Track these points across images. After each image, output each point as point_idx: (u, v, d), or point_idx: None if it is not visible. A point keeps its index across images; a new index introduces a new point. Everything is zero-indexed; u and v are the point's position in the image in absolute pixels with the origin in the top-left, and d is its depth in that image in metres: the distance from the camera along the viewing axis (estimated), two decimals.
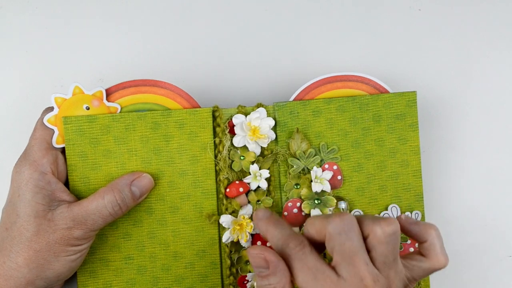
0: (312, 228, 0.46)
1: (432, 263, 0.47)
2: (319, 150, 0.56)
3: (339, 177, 0.56)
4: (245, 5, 0.62)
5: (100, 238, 0.55)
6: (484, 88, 0.63)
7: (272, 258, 0.45)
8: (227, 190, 0.56)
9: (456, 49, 0.63)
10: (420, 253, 0.48)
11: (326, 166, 0.56)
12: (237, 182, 0.56)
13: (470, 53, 0.63)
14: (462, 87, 0.63)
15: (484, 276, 0.62)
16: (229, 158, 0.56)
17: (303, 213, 0.56)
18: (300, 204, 0.56)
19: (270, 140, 0.56)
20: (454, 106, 0.63)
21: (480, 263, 0.62)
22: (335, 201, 0.56)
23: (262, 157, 0.56)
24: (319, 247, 0.46)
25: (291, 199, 0.56)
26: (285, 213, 0.56)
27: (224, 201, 0.56)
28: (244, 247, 0.56)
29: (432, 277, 0.61)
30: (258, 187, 0.56)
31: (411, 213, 0.57)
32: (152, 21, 0.62)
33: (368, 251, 0.45)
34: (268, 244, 0.55)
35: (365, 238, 0.45)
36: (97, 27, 0.61)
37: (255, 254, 0.45)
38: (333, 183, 0.56)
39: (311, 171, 0.56)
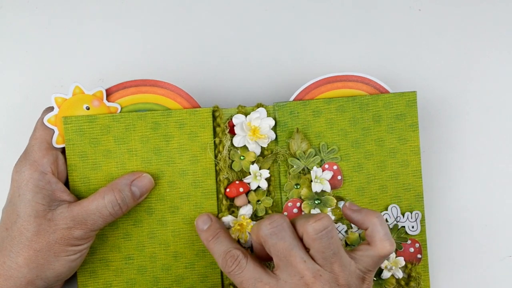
0: (253, 235, 0.49)
1: (376, 250, 0.47)
2: (319, 150, 0.56)
3: (339, 177, 0.56)
4: (245, 5, 0.62)
5: (100, 238, 0.55)
6: (484, 88, 0.63)
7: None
8: (227, 190, 0.56)
9: (456, 49, 0.63)
10: (366, 242, 0.48)
11: (326, 166, 0.56)
12: (237, 182, 0.56)
13: (470, 53, 0.63)
14: (462, 87, 0.63)
15: (484, 276, 0.62)
16: (229, 158, 0.56)
17: (303, 213, 0.56)
18: (300, 204, 0.56)
19: (270, 140, 0.56)
20: (454, 106, 0.63)
21: (480, 263, 0.62)
22: (335, 201, 0.56)
23: (262, 157, 0.56)
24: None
25: (291, 199, 0.56)
26: (285, 213, 0.56)
27: (224, 201, 0.56)
28: (244, 247, 0.56)
29: (432, 277, 0.61)
30: (258, 187, 0.56)
31: (411, 213, 0.57)
32: (152, 21, 0.62)
33: (308, 250, 0.46)
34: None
35: (301, 238, 0.46)
36: (97, 27, 0.61)
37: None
38: (333, 183, 0.56)
39: (311, 171, 0.56)
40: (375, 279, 0.56)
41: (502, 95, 0.63)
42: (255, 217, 0.56)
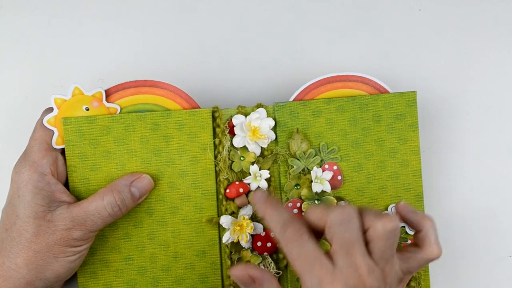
0: (313, 215, 0.46)
1: (426, 253, 0.47)
2: (319, 150, 0.56)
3: (339, 177, 0.56)
4: (245, 5, 0.62)
5: (100, 239, 0.55)
6: (484, 88, 0.63)
7: (256, 273, 0.46)
8: (227, 190, 0.56)
9: (456, 49, 0.63)
10: (414, 244, 0.48)
11: (326, 166, 0.56)
12: (237, 182, 0.56)
13: (470, 53, 0.63)
14: (462, 87, 0.63)
15: (484, 276, 0.62)
16: (229, 158, 0.56)
17: (303, 214, 0.56)
18: (301, 205, 0.56)
19: (270, 140, 0.56)
20: (454, 106, 0.63)
21: (480, 263, 0.62)
22: (335, 201, 0.56)
23: (262, 158, 0.56)
24: (317, 233, 0.46)
25: (291, 200, 0.56)
26: None
27: (224, 202, 0.55)
28: (244, 247, 0.56)
29: (432, 277, 0.61)
30: (258, 187, 0.56)
31: None
32: (152, 21, 0.62)
33: (367, 243, 0.45)
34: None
35: (365, 231, 0.45)
36: (97, 27, 0.61)
37: (239, 274, 0.47)
38: (333, 183, 0.56)
39: (311, 172, 0.56)
40: None
41: (502, 95, 0.63)
42: (255, 217, 0.56)
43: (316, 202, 0.56)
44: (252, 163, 0.56)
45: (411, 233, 0.57)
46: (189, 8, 0.62)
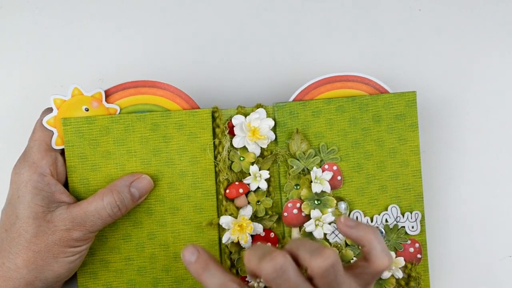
0: (249, 265, 0.45)
1: (374, 267, 0.46)
2: (319, 150, 0.56)
3: (339, 178, 0.56)
4: (245, 5, 0.62)
5: (100, 240, 0.55)
6: (484, 88, 0.63)
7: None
8: (227, 191, 0.56)
9: (456, 49, 0.63)
10: (363, 259, 0.47)
11: (326, 166, 0.56)
12: (236, 183, 0.56)
13: (470, 53, 0.63)
14: (462, 87, 0.63)
15: (484, 276, 0.62)
16: (228, 159, 0.56)
17: (303, 214, 0.56)
18: (300, 205, 0.56)
19: (269, 140, 0.56)
20: (454, 106, 0.62)
21: (480, 263, 0.62)
22: (335, 201, 0.56)
23: (261, 158, 0.56)
24: None
25: (291, 200, 0.56)
26: (285, 213, 0.56)
27: (224, 202, 0.55)
28: (244, 248, 0.56)
29: (432, 277, 0.61)
30: (258, 188, 0.56)
31: (411, 213, 0.57)
32: (152, 21, 0.62)
33: (310, 279, 0.44)
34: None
35: (305, 269, 0.44)
36: (97, 27, 0.61)
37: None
38: (333, 183, 0.56)
39: (311, 172, 0.56)
40: None
41: (502, 95, 0.63)
42: (255, 217, 0.56)
43: (315, 202, 0.56)
44: (252, 164, 0.56)
45: (411, 233, 0.57)
46: (189, 8, 0.62)
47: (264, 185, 0.56)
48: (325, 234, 0.56)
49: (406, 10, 0.63)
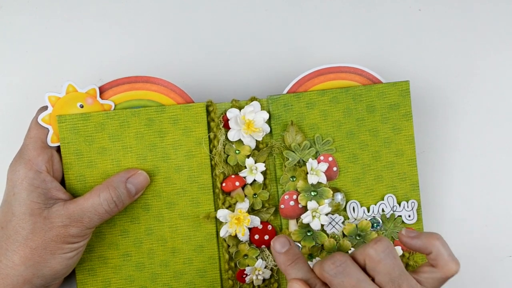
0: (316, 271, 0.47)
1: (443, 272, 0.46)
2: (314, 142, 0.56)
3: (334, 169, 0.56)
4: (238, 0, 0.62)
5: (98, 236, 0.55)
6: (484, 87, 0.63)
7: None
8: (223, 184, 0.56)
9: (456, 49, 0.63)
10: (430, 264, 0.47)
11: (321, 157, 0.56)
12: (233, 176, 0.56)
13: (470, 52, 0.63)
14: (462, 87, 0.63)
15: (484, 276, 0.62)
16: (224, 152, 0.56)
17: (299, 206, 0.56)
18: (297, 197, 0.56)
19: (264, 133, 0.56)
20: (454, 105, 0.62)
21: (480, 263, 0.62)
22: (331, 192, 0.56)
23: (257, 151, 0.56)
24: None
25: (287, 192, 0.56)
26: (282, 205, 0.56)
27: (221, 196, 0.56)
28: (242, 241, 0.56)
29: None
30: (254, 180, 0.56)
31: (407, 202, 0.57)
32: (148, 18, 0.62)
33: (373, 278, 0.45)
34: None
35: (364, 268, 0.46)
36: (97, 27, 0.61)
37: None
38: (329, 174, 0.56)
39: (307, 163, 0.56)
40: None
41: (501, 94, 0.63)
42: (252, 210, 0.56)
43: (312, 193, 0.56)
44: (248, 156, 0.56)
45: (408, 222, 0.57)
46: (182, 4, 0.62)
47: (260, 178, 0.56)
48: (322, 225, 0.56)
49: (406, 10, 0.62)
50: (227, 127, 0.56)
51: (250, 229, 0.56)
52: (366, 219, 0.57)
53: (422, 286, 0.46)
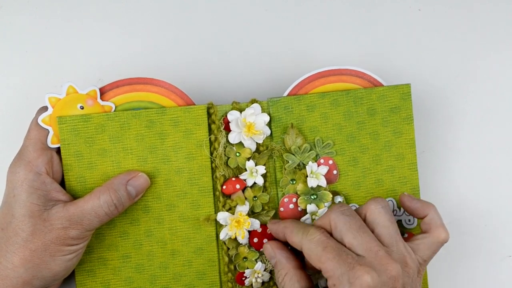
0: (319, 222, 0.51)
1: (434, 236, 0.51)
2: (314, 145, 0.56)
3: (334, 172, 0.56)
4: (238, 1, 0.62)
5: (97, 237, 0.55)
6: (484, 88, 0.63)
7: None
8: (224, 187, 0.56)
9: (455, 49, 0.63)
10: (422, 232, 0.51)
11: (322, 161, 0.56)
12: (233, 179, 0.56)
13: (470, 52, 0.63)
14: (462, 87, 0.63)
15: (484, 276, 0.62)
16: (225, 155, 0.56)
17: (299, 209, 0.56)
18: (296, 200, 0.56)
19: (265, 136, 0.56)
20: (453, 105, 0.62)
21: (480, 263, 0.62)
22: (331, 196, 0.56)
23: (257, 153, 0.56)
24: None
25: (287, 195, 0.56)
26: (282, 208, 0.56)
27: (221, 198, 0.55)
28: (241, 244, 0.56)
29: (431, 277, 0.60)
30: (254, 183, 0.56)
31: None
32: (148, 19, 0.62)
33: (372, 230, 0.49)
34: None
35: (365, 220, 0.50)
36: (97, 27, 0.61)
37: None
38: (329, 177, 0.56)
39: (307, 166, 0.56)
40: None
41: (501, 94, 0.63)
42: (252, 213, 0.56)
43: (312, 197, 0.56)
44: (248, 159, 0.56)
45: (408, 226, 0.57)
46: (183, 6, 0.62)
47: (260, 181, 0.56)
48: None
49: (406, 10, 0.63)
50: (227, 129, 0.56)
51: (249, 232, 0.56)
52: None
53: (415, 253, 0.50)
